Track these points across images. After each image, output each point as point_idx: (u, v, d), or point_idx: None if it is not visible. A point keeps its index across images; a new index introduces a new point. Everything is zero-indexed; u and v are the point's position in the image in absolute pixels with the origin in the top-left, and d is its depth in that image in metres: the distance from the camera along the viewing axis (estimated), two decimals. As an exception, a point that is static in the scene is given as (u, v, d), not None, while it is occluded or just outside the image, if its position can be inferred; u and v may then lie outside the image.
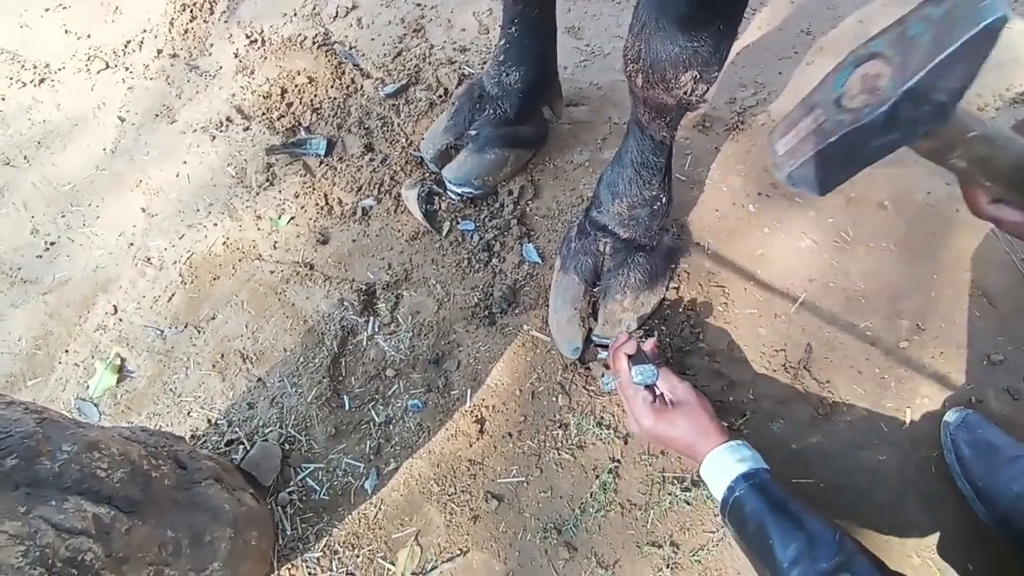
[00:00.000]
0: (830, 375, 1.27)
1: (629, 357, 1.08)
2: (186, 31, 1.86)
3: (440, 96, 1.67)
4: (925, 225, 1.43)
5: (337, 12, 1.86)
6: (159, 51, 1.83)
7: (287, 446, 1.25)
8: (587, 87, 1.69)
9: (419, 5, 1.87)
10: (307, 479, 1.23)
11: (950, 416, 1.19)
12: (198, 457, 0.99)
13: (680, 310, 1.36)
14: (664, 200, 1.25)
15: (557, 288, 1.32)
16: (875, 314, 1.33)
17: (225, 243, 1.49)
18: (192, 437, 1.25)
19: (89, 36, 1.92)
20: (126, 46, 1.87)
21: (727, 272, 1.39)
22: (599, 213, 1.28)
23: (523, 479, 1.22)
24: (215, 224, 1.53)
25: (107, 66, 1.84)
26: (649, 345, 1.12)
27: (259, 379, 1.32)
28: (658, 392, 1.06)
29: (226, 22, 1.89)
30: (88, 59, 1.86)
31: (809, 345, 1.30)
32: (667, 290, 1.36)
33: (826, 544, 0.81)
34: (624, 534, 1.16)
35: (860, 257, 1.40)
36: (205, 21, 1.89)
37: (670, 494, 1.18)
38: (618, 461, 1.22)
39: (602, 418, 1.26)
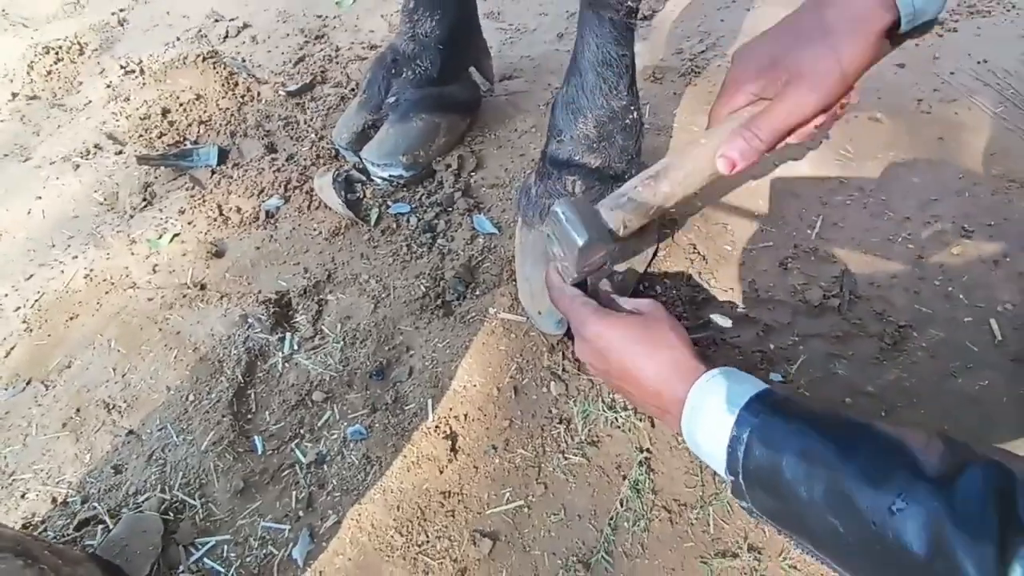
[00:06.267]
0: (883, 300, 1.00)
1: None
2: (49, 72, 1.60)
3: (351, 90, 1.44)
4: (928, 131, 1.24)
5: (227, 32, 1.65)
6: (14, 94, 1.55)
7: (172, 515, 0.85)
8: (518, 60, 1.50)
9: (320, 16, 1.69)
10: (206, 559, 0.82)
11: (1050, 311, 0.92)
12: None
13: (681, 257, 1.08)
14: (636, 114, 1.01)
15: (523, 249, 1.03)
16: (909, 224, 1.09)
17: (88, 276, 1.15)
18: (24, 526, 0.84)
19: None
20: (-28, 96, 1.59)
21: (724, 209, 1.14)
22: (559, 145, 1.02)
23: (521, 503, 0.86)
24: (74, 257, 1.18)
25: (-52, 118, 1.54)
26: None
27: (130, 431, 0.94)
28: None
29: (98, 61, 1.64)
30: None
31: (847, 269, 1.04)
32: (659, 238, 1.09)
33: (919, 443, 0.47)
34: (680, 548, 0.80)
35: (870, 170, 1.18)
36: (73, 61, 1.64)
37: (730, 477, 0.83)
38: (648, 451, 0.88)
39: (614, 400, 0.93)
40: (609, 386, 0.78)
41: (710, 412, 0.58)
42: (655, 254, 1.07)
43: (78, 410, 0.97)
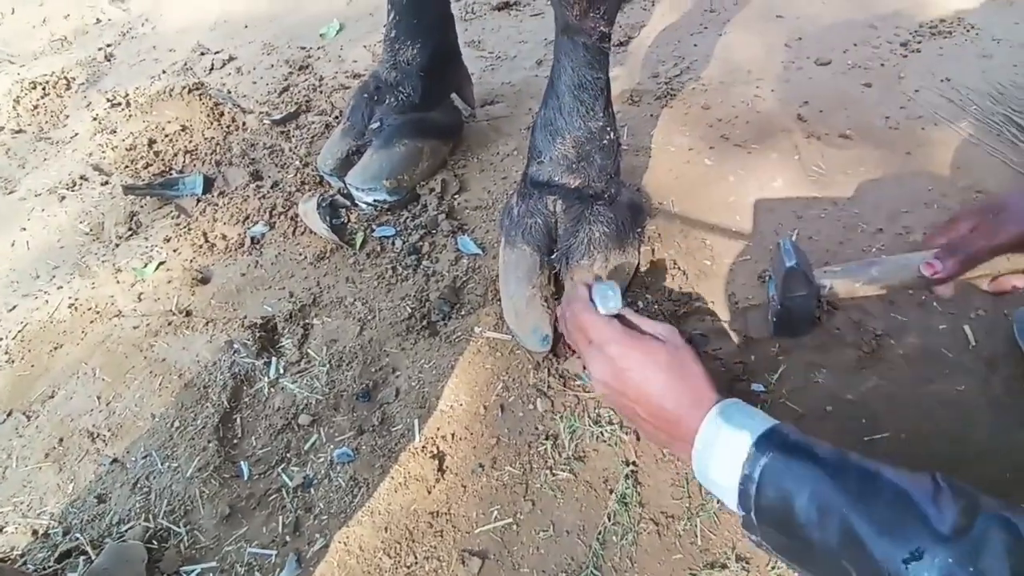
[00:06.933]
0: (859, 310, 1.02)
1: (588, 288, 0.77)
2: (35, 107, 1.61)
3: (335, 118, 1.46)
4: (897, 147, 1.28)
5: (212, 64, 1.68)
6: (-1, 129, 1.57)
7: (156, 544, 0.84)
8: (499, 87, 1.53)
9: (304, 47, 1.72)
10: (190, 588, 0.82)
11: (1020, 314, 0.95)
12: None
13: (661, 272, 1.10)
14: (613, 135, 1.04)
15: (506, 267, 1.05)
16: (881, 235, 1.12)
17: (72, 305, 1.14)
18: (2, 560, 0.83)
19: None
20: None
21: (702, 226, 1.17)
22: (539, 166, 1.04)
23: (510, 520, 0.86)
24: (59, 287, 1.18)
25: (-67, 154, 1.54)
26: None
27: (114, 460, 0.93)
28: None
29: (85, 95, 1.66)
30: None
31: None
32: (640, 253, 1.11)
33: (928, 495, 0.49)
34: (669, 560, 0.80)
35: (841, 186, 1.21)
36: (59, 96, 1.66)
37: (716, 487, 0.84)
38: (635, 464, 0.89)
39: (599, 415, 0.94)
40: (617, 407, 0.75)
41: (721, 447, 0.58)
42: (636, 270, 1.10)
43: (61, 440, 0.96)
